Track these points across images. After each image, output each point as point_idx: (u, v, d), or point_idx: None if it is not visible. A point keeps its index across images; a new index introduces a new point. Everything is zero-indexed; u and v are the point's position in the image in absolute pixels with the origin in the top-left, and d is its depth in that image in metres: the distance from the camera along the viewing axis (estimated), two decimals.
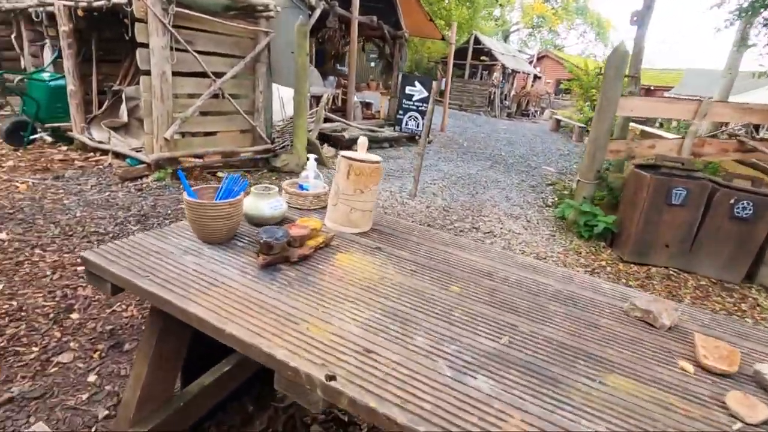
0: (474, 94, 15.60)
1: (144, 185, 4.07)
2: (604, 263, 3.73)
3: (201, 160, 4.60)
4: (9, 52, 6.28)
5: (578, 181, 4.43)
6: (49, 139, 5.07)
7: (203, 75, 4.31)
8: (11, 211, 3.28)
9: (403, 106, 4.64)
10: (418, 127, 4.71)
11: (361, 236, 1.44)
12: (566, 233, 4.26)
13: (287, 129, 5.40)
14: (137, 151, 4.45)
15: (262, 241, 1.10)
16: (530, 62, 22.21)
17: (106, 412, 1.75)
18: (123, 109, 4.91)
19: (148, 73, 3.95)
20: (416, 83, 4.70)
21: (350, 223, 1.44)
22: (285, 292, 1.04)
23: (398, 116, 4.68)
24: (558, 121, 13.14)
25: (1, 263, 2.61)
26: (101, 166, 4.48)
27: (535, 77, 19.81)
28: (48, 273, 2.58)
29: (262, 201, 1.37)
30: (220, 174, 4.69)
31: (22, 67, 5.92)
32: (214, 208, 1.17)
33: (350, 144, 6.69)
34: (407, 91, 4.73)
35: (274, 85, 5.23)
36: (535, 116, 17.57)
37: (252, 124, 4.87)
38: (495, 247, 3.72)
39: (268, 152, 5.07)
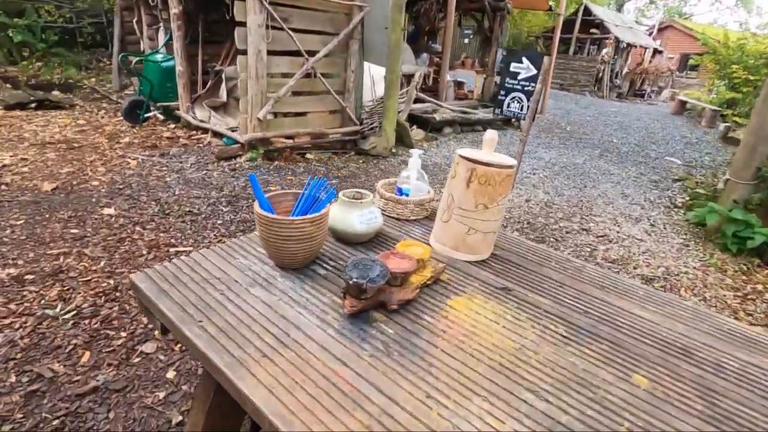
0: (579, 72, 13.93)
1: (237, 165, 4.05)
2: (760, 287, 2.90)
3: (291, 141, 4.48)
4: (132, 36, 6.75)
5: (726, 180, 3.52)
6: (161, 117, 5.33)
7: (297, 54, 4.12)
8: (121, 187, 3.40)
9: (506, 85, 4.04)
10: (522, 109, 4.09)
11: (479, 265, 1.04)
12: (704, 244, 3.43)
13: (377, 110, 5.09)
14: (233, 131, 4.45)
15: (351, 282, 0.76)
16: (649, 33, 19.25)
17: (180, 417, 1.61)
18: (222, 88, 4.96)
19: (244, 52, 3.86)
20: (523, 59, 4.05)
21: (466, 247, 1.05)
22: (380, 366, 0.69)
23: (500, 97, 4.09)
24: (683, 102, 11.18)
25: (106, 239, 2.65)
26: (201, 145, 4.58)
27: (655, 51, 17.10)
28: (144, 252, 2.57)
29: (353, 212, 1.03)
30: (309, 156, 4.55)
31: (141, 49, 6.31)
32: (291, 227, 0.86)
33: (441, 126, 6.20)
34: (512, 69, 4.10)
35: (366, 64, 4.92)
36: (651, 97, 15.29)
37: (342, 104, 4.63)
38: (611, 254, 3.07)
39: (356, 134, 4.82)
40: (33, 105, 5.41)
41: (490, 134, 1.03)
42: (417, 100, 6.16)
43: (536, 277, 1.02)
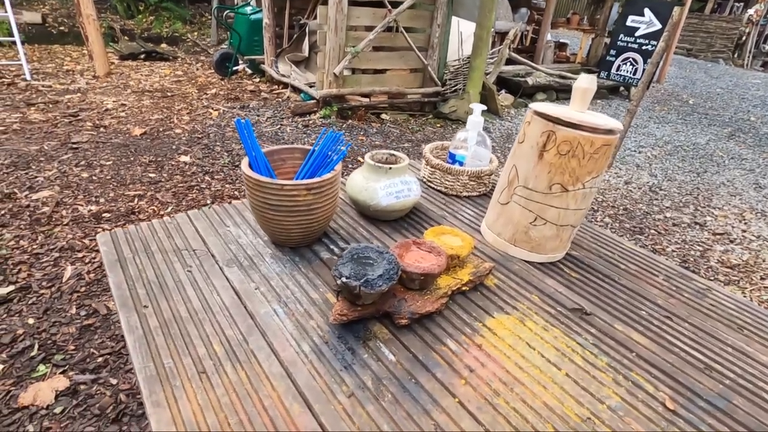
0: (714, 35, 11.56)
1: (311, 122, 3.94)
2: None
3: (367, 100, 4.24)
4: None
5: None
6: (249, 71, 5.41)
7: (379, 4, 3.79)
8: (200, 136, 3.47)
9: (619, 43, 3.32)
10: (635, 73, 3.36)
11: (545, 270, 0.73)
12: None
13: (461, 70, 4.60)
14: (311, 87, 4.33)
15: (339, 281, 0.52)
16: None
17: None
18: (306, 43, 4.83)
19: (326, 2, 3.63)
20: (645, 11, 3.28)
21: (529, 242, 0.74)
22: (359, 417, 0.45)
23: (608, 58, 3.38)
24: None
25: (177, 185, 2.70)
26: (280, 100, 4.54)
27: None
28: (208, 201, 2.57)
29: (379, 180, 0.77)
30: (384, 116, 4.29)
31: (235, 2, 6.40)
32: (282, 194, 0.63)
33: (533, 92, 5.51)
34: (629, 23, 3.35)
35: (454, 19, 4.41)
36: None
37: (424, 62, 4.23)
38: (731, 257, 2.45)
39: (436, 95, 4.43)
40: (142, 56, 5.80)
41: (586, 81, 0.68)
42: (509, 62, 5.50)
43: (631, 297, 0.69)
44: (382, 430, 0.44)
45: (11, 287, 1.73)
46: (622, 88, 6.46)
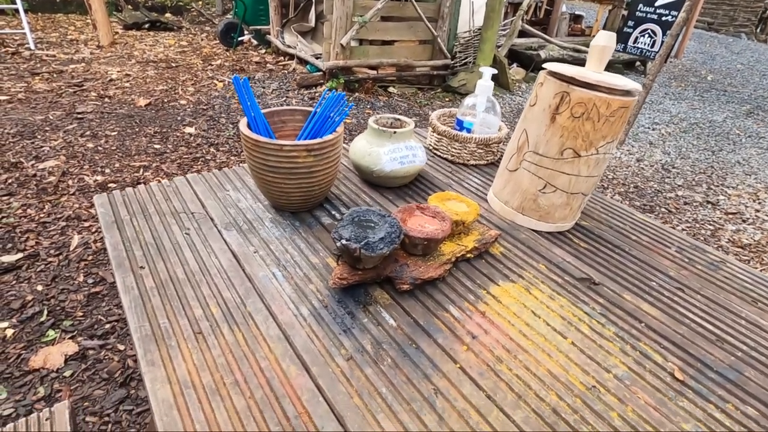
0: (737, 8, 11.06)
1: (317, 94, 3.87)
2: None
3: (374, 72, 4.14)
4: None
5: None
6: (254, 42, 5.29)
7: None
8: (205, 108, 3.43)
9: (637, 14, 3.18)
10: (653, 46, 3.23)
11: (552, 239, 0.71)
12: None
13: (472, 42, 4.46)
14: (317, 58, 4.23)
15: (338, 244, 0.50)
16: None
17: None
18: (312, 12, 4.69)
19: None
20: None
21: (537, 210, 0.71)
22: (357, 380, 0.44)
23: (625, 29, 3.25)
24: None
25: (182, 157, 2.69)
26: (286, 71, 4.45)
27: None
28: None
29: (383, 145, 0.74)
30: (391, 89, 4.20)
31: None
32: (281, 154, 0.60)
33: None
34: None
35: None
36: None
37: (433, 33, 4.10)
38: (743, 237, 2.40)
39: (446, 68, 4.31)
40: (146, 26, 5.68)
41: (604, 38, 0.64)
42: (521, 34, 5.31)
43: (641, 269, 0.66)
44: (380, 391, 0.43)
45: (20, 255, 1.75)
46: (638, 63, 6.25)
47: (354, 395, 0.42)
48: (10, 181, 2.18)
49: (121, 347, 1.46)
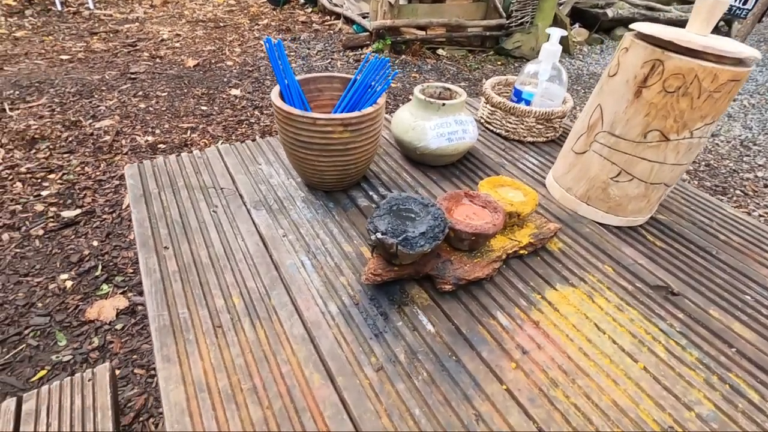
0: None
1: (362, 56, 3.72)
2: None
3: (423, 33, 3.91)
4: None
5: None
6: (301, 0, 5.14)
7: None
8: (251, 69, 3.40)
9: None
10: (744, 3, 2.79)
11: (623, 236, 0.60)
12: None
13: (530, 0, 4.07)
14: (363, 17, 4.05)
15: (373, 237, 0.43)
16: None
17: None
18: None
19: None
20: None
21: (606, 201, 0.61)
22: (387, 396, 0.38)
23: None
24: None
25: (228, 119, 2.69)
26: (332, 32, 4.31)
27: None
28: (257, 137, 2.55)
29: (429, 119, 0.66)
30: (440, 51, 3.96)
31: None
32: (314, 129, 0.53)
33: (612, 26, 4.83)
34: None
35: None
36: None
37: None
38: None
39: (500, 29, 3.99)
40: None
41: None
42: None
43: (732, 278, 0.55)
44: (412, 413, 0.37)
45: (78, 210, 1.84)
46: (721, 23, 5.50)
47: (383, 415, 0.37)
48: (70, 139, 2.28)
49: None
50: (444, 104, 0.64)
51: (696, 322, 0.49)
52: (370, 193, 0.64)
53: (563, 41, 4.14)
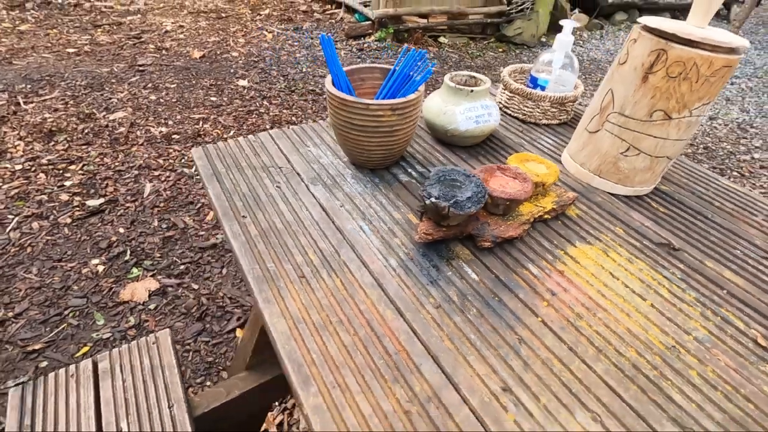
0: None
1: (365, 45, 3.78)
2: None
3: (425, 21, 3.97)
4: None
5: None
6: None
7: None
8: (256, 60, 3.45)
9: None
10: None
11: (631, 203, 0.70)
12: None
13: None
14: (365, 6, 4.09)
15: (427, 201, 0.53)
16: None
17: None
18: None
19: None
20: None
21: (616, 174, 0.70)
22: (447, 326, 0.48)
23: None
24: None
25: (237, 110, 2.76)
26: (334, 21, 4.35)
27: None
28: (267, 126, 2.63)
29: (459, 104, 0.75)
30: (442, 39, 4.02)
31: None
32: (366, 113, 0.63)
33: (612, 11, 4.89)
34: None
35: None
36: None
37: None
38: None
39: (500, 16, 4.05)
40: None
41: None
42: None
43: (725, 236, 0.65)
44: (468, 337, 0.47)
45: (102, 200, 1.92)
46: (721, 7, 5.56)
47: (445, 339, 0.47)
48: (86, 130, 2.36)
49: (195, 286, 1.61)
50: (472, 90, 0.73)
51: (694, 271, 0.59)
52: (409, 170, 0.73)
53: None
